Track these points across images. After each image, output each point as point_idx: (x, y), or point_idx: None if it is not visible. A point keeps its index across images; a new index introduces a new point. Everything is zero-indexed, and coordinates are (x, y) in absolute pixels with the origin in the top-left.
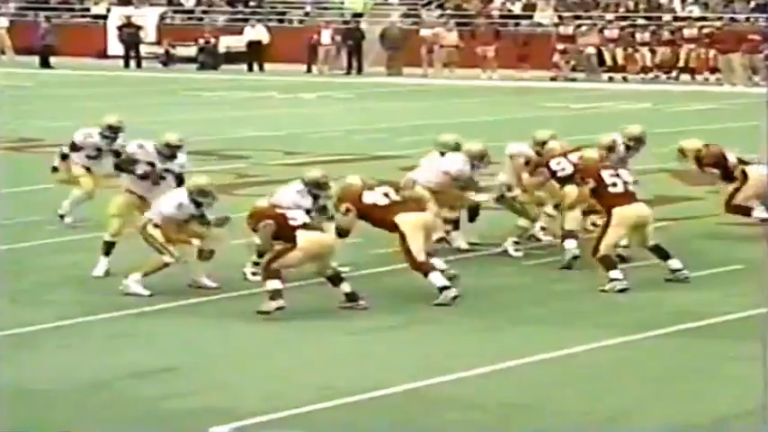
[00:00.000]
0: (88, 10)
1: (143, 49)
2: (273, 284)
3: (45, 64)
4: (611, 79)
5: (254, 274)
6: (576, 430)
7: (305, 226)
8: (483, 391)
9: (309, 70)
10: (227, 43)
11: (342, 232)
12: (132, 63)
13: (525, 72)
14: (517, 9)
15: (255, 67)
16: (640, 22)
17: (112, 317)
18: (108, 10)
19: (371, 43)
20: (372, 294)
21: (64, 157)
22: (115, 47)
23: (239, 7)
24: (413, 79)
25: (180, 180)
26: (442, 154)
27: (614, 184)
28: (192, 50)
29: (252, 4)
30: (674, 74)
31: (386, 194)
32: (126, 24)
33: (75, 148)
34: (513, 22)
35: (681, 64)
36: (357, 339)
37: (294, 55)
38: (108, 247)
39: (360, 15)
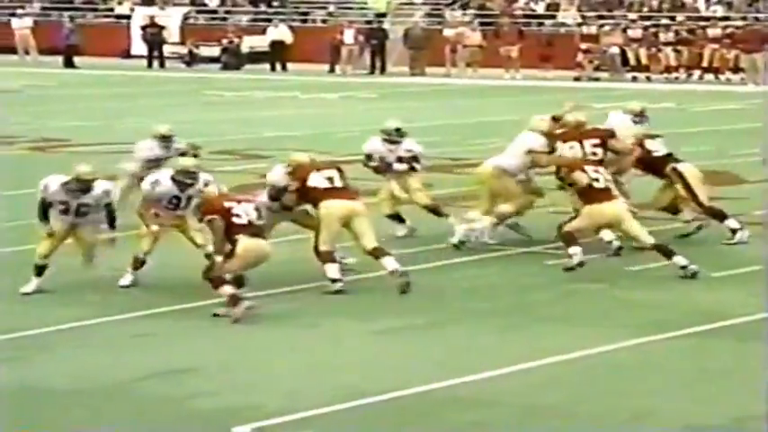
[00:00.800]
0: (112, 10)
1: (166, 49)
2: (226, 290)
3: (69, 64)
4: (634, 79)
5: None
6: (597, 431)
7: (248, 227)
8: (504, 391)
9: (332, 70)
10: (250, 43)
11: (286, 209)
12: (156, 63)
13: (548, 72)
14: (540, 9)
15: (278, 66)
16: (664, 21)
17: (135, 317)
18: (131, 10)
19: (394, 43)
20: (394, 294)
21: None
22: (139, 47)
23: (262, 7)
24: (436, 79)
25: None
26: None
27: (596, 180)
28: (215, 50)
29: (275, 4)
30: (697, 73)
31: (329, 179)
32: (149, 24)
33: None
34: (537, 21)
35: (704, 64)
36: (377, 339)
37: (317, 55)
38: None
39: (383, 15)
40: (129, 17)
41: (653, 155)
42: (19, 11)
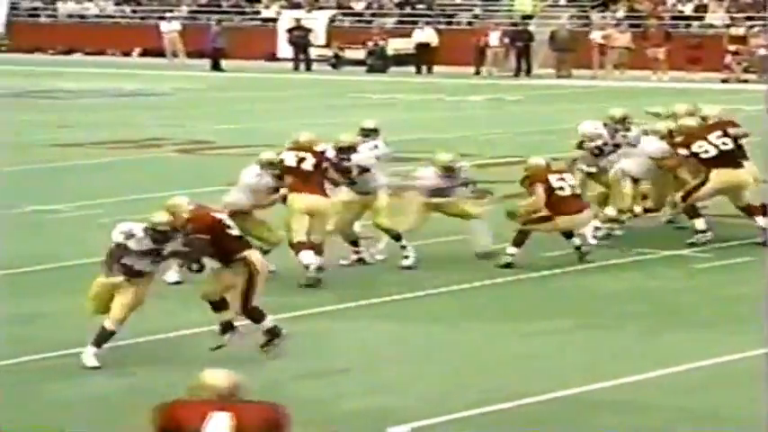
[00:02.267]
0: (259, 13)
1: (312, 52)
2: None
3: (216, 67)
4: None
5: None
6: None
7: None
8: (653, 394)
9: (478, 72)
10: (395, 46)
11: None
12: (302, 66)
13: (696, 74)
14: (688, 10)
15: (424, 69)
16: None
17: (289, 317)
18: (278, 13)
19: (540, 45)
20: (540, 297)
21: None
22: (285, 50)
23: (408, 10)
24: (582, 81)
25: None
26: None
27: (561, 188)
28: (360, 53)
29: (421, 6)
30: None
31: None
32: (296, 27)
33: None
34: (684, 23)
35: None
36: (526, 342)
37: (462, 57)
38: None
39: (529, 17)
40: (275, 20)
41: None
42: (167, 14)
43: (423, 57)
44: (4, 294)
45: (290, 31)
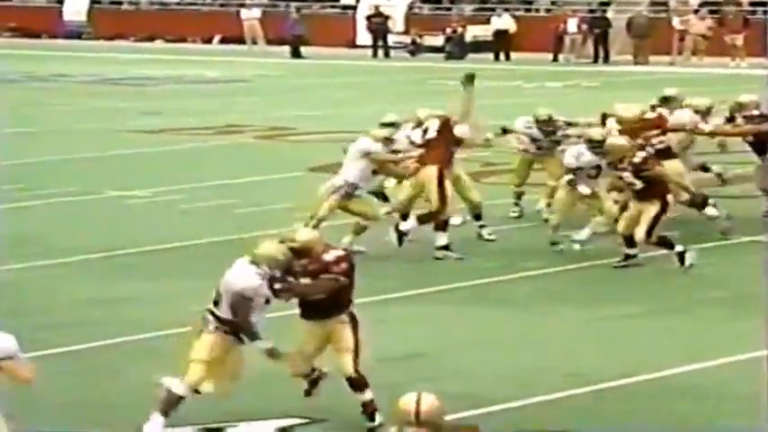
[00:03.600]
0: (338, 0)
1: (391, 39)
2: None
3: (295, 54)
4: None
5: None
6: None
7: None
8: (730, 381)
9: (556, 59)
10: (473, 32)
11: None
12: (380, 53)
13: None
14: None
15: (502, 56)
16: None
17: (362, 302)
18: (357, 0)
19: (618, 31)
20: (617, 283)
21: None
22: (364, 37)
23: None
24: (660, 67)
25: None
26: None
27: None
28: (439, 40)
29: None
30: None
31: None
32: (374, 14)
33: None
34: (763, 9)
35: None
36: (602, 327)
37: (540, 44)
38: None
39: (607, 4)
40: (354, 7)
41: None
42: (248, 2)
43: (501, 43)
44: (88, 278)
45: (368, 18)
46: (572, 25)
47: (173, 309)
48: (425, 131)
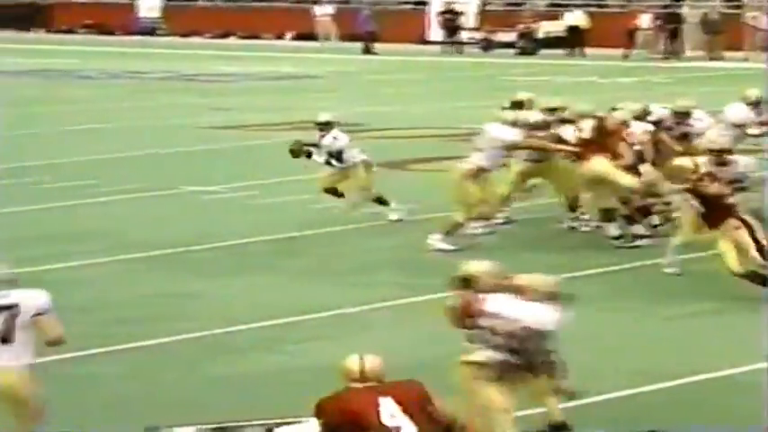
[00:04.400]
0: None
1: (463, 35)
2: None
3: (367, 50)
4: None
5: None
6: None
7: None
8: None
9: (627, 55)
10: (546, 29)
11: None
12: (452, 49)
13: None
14: None
15: (574, 52)
16: None
17: (437, 298)
18: None
19: (691, 27)
20: (682, 280)
21: None
22: (435, 33)
23: None
24: (733, 63)
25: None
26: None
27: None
28: (511, 36)
29: None
30: None
31: None
32: (446, 11)
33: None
34: None
35: None
36: (674, 324)
37: (613, 40)
38: None
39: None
40: (426, 3)
41: None
42: None
43: (573, 39)
44: (164, 273)
45: (440, 14)
46: (645, 21)
47: (248, 304)
48: (580, 130)
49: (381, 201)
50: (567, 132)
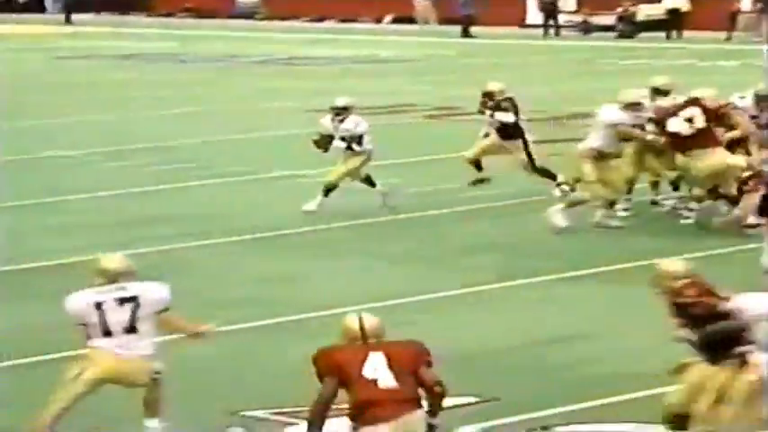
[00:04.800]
0: None
1: (561, 18)
2: None
3: (465, 33)
4: None
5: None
6: None
7: None
8: None
9: (729, 38)
10: (646, 11)
11: None
12: (551, 32)
13: None
14: None
15: (674, 34)
16: None
17: (530, 282)
18: None
19: None
20: None
21: None
22: (534, 16)
23: None
24: None
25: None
26: None
27: None
28: (610, 19)
29: None
30: None
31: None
32: None
33: None
34: None
35: None
36: None
37: (714, 22)
38: None
39: None
40: None
41: None
42: None
43: (673, 22)
44: (261, 256)
45: None
46: (746, 3)
47: (345, 288)
48: (690, 120)
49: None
50: (679, 124)
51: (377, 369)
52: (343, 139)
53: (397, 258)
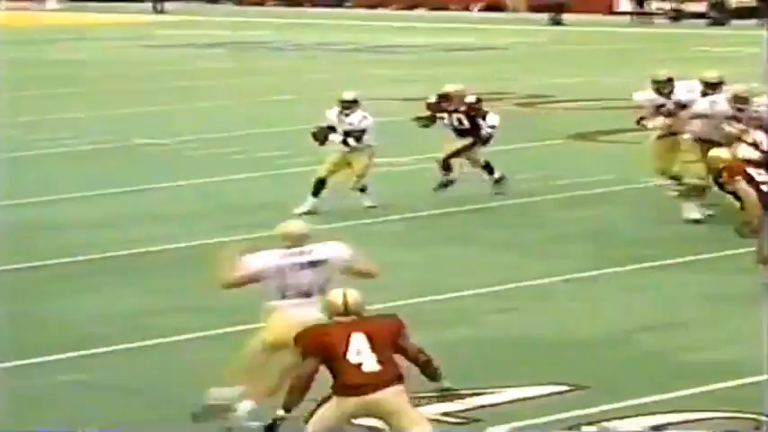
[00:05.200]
0: None
1: (652, 6)
2: None
3: (555, 21)
4: None
5: None
6: None
7: None
8: None
9: None
10: None
11: None
12: (641, 20)
13: None
14: None
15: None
16: None
17: (626, 270)
18: None
19: None
20: None
21: None
22: (624, 3)
23: None
24: None
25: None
26: None
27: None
28: (701, 6)
29: None
30: None
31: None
32: None
33: None
34: None
35: None
36: None
37: None
38: None
39: None
40: None
41: None
42: None
43: (766, 9)
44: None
45: None
46: None
47: (439, 275)
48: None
49: (363, 189)
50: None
51: (360, 352)
52: (347, 133)
53: (493, 245)
